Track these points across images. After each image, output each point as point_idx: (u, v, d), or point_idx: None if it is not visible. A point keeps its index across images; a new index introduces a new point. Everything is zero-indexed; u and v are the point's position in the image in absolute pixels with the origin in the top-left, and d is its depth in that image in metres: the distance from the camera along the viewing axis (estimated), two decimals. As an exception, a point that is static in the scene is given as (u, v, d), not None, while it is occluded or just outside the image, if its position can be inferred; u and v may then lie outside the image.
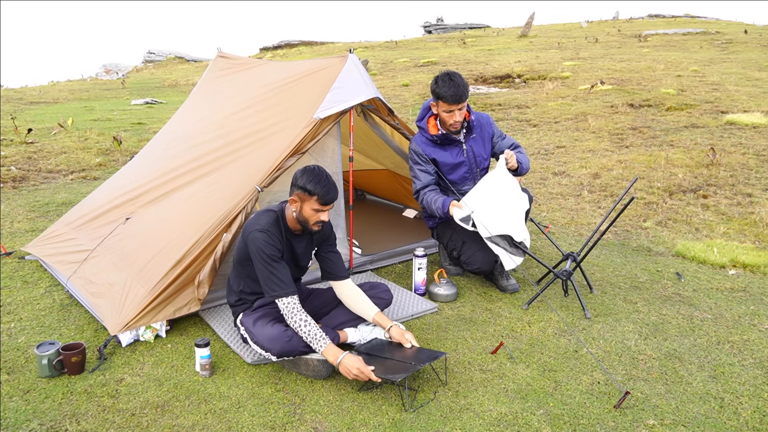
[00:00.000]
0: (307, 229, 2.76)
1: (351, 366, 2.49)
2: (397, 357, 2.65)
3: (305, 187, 2.65)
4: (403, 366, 2.55)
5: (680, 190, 5.85)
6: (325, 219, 2.74)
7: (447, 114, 3.56)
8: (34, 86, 20.88)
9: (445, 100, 3.51)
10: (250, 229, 2.70)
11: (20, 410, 2.45)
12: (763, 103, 9.23)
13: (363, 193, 5.85)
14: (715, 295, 3.61)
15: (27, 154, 7.86)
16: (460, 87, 3.48)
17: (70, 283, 3.49)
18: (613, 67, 13.89)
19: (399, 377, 2.44)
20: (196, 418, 2.41)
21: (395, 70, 17.21)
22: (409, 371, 2.50)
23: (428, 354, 2.67)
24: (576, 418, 2.40)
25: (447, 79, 3.50)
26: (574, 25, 29.50)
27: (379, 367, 2.51)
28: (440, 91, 3.51)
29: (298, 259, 2.89)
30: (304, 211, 2.70)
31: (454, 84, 3.47)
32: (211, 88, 4.70)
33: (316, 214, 2.70)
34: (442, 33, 33.34)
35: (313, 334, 2.58)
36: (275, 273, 2.64)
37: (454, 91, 3.47)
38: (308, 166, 2.74)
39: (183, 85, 19.21)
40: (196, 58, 31.75)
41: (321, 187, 2.65)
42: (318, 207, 2.68)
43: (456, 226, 3.58)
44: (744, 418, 2.41)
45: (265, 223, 2.70)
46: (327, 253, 2.97)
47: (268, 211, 2.78)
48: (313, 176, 2.67)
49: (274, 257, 2.66)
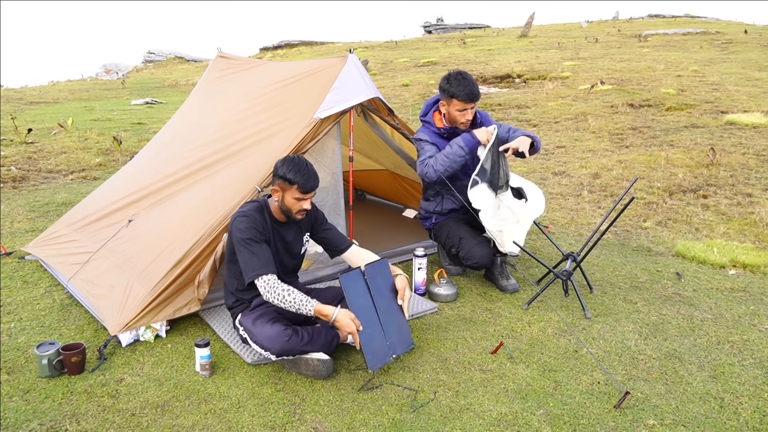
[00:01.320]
0: (291, 218, 2.80)
1: (347, 321, 2.55)
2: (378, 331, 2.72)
3: (285, 176, 2.69)
4: (382, 350, 2.69)
5: (680, 190, 5.85)
6: (308, 207, 2.78)
7: (459, 113, 3.57)
8: (34, 86, 20.89)
9: (460, 99, 3.50)
10: (234, 217, 2.77)
11: (20, 410, 2.45)
12: (763, 103, 9.23)
13: (363, 193, 5.85)
14: (715, 295, 3.61)
15: (27, 154, 7.86)
16: (475, 86, 3.50)
17: (70, 284, 3.49)
18: (613, 67, 13.89)
19: (373, 366, 2.62)
20: (196, 418, 2.41)
21: (395, 70, 17.22)
22: (385, 360, 2.69)
23: (405, 339, 2.81)
24: (576, 418, 2.40)
25: (460, 78, 3.51)
26: (574, 25, 29.50)
27: (361, 336, 2.61)
28: (454, 90, 3.50)
29: (290, 246, 2.91)
30: (286, 200, 2.74)
31: (468, 83, 3.49)
32: (211, 88, 4.69)
33: (298, 202, 2.74)
34: (442, 33, 33.34)
35: (299, 300, 2.59)
36: (254, 253, 2.66)
37: (470, 89, 3.48)
38: (288, 156, 2.79)
39: (183, 85, 19.21)
40: (196, 58, 31.76)
41: (301, 175, 2.68)
42: (299, 195, 2.72)
43: (452, 224, 3.64)
44: (744, 418, 2.41)
45: (248, 209, 2.77)
46: (323, 233, 3.03)
47: (251, 202, 2.86)
48: (293, 165, 2.70)
49: (255, 239, 2.68)
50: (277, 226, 2.84)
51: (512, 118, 10.04)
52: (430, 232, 4.00)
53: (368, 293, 2.74)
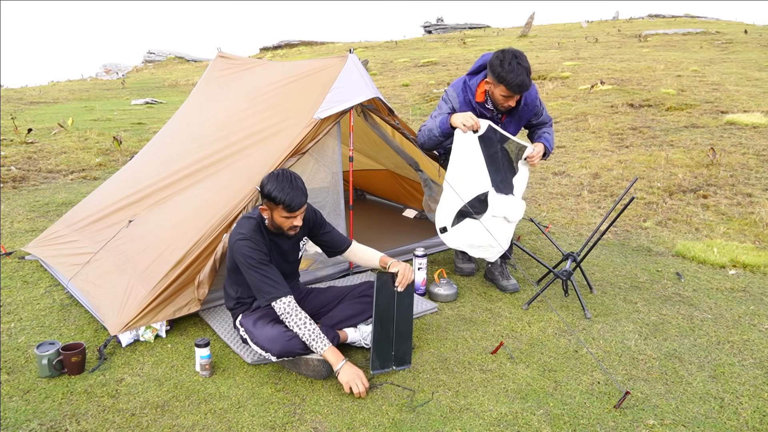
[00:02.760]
0: (284, 234, 2.78)
1: (350, 377, 2.52)
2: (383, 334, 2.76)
3: (270, 195, 2.63)
4: (386, 357, 2.74)
5: (680, 190, 5.85)
6: (298, 224, 2.72)
7: (503, 98, 3.29)
8: (34, 86, 20.89)
9: (508, 87, 3.20)
10: (234, 239, 2.71)
11: (20, 410, 2.45)
12: (763, 103, 9.22)
13: (363, 193, 5.85)
14: (715, 295, 3.61)
15: (27, 154, 7.86)
16: (527, 75, 3.18)
17: (71, 285, 3.49)
18: (613, 67, 13.89)
19: (375, 368, 2.70)
20: (196, 418, 2.41)
21: (395, 70, 17.22)
22: (385, 368, 2.73)
23: (406, 357, 2.81)
24: (576, 418, 2.40)
25: (515, 63, 3.15)
26: (574, 25, 29.50)
27: (374, 335, 2.70)
28: (505, 75, 3.17)
29: (287, 255, 2.90)
30: (275, 219, 2.70)
31: (521, 70, 3.15)
32: (211, 88, 4.69)
33: (287, 220, 2.69)
34: (442, 33, 33.35)
35: (315, 336, 2.58)
36: (267, 276, 2.63)
37: (521, 80, 3.16)
38: (273, 171, 2.71)
39: (183, 85, 19.21)
40: (196, 58, 31.77)
41: (285, 194, 2.60)
42: (286, 214, 2.66)
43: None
44: (744, 418, 2.41)
45: (247, 230, 2.70)
46: (323, 236, 3.01)
47: (248, 218, 2.78)
48: (277, 183, 2.62)
49: (263, 261, 2.65)
50: (273, 237, 2.81)
51: (512, 118, 10.03)
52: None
53: (394, 300, 2.77)
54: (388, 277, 2.76)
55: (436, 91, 13.01)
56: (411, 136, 3.94)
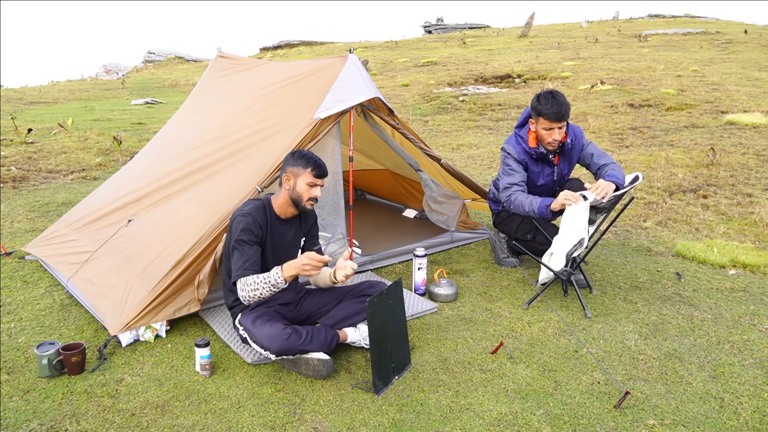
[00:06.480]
0: (300, 207, 2.83)
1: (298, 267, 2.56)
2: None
3: (298, 162, 2.77)
4: (387, 373, 2.65)
5: (680, 190, 5.85)
6: (318, 195, 2.83)
7: (546, 132, 3.56)
8: (34, 86, 20.90)
9: (546, 117, 3.49)
10: (235, 215, 2.79)
11: (20, 410, 2.45)
12: (763, 103, 9.23)
13: (363, 193, 5.85)
14: (715, 295, 3.61)
15: (27, 154, 7.86)
16: (563, 105, 3.48)
17: (70, 284, 3.49)
18: (613, 67, 13.90)
19: (379, 391, 2.57)
20: (196, 418, 2.41)
21: (395, 70, 17.22)
22: (388, 384, 2.63)
23: (405, 360, 2.76)
24: (576, 418, 2.40)
25: (550, 97, 3.51)
26: (574, 25, 29.51)
27: (372, 356, 2.59)
28: (542, 108, 3.50)
29: (288, 245, 2.93)
30: (298, 186, 2.78)
31: (557, 102, 3.48)
32: (211, 88, 4.70)
33: (310, 189, 2.79)
34: (442, 33, 33.35)
35: (264, 277, 2.59)
36: (243, 254, 2.68)
37: (557, 109, 3.46)
38: (297, 149, 2.90)
39: (183, 85, 19.22)
40: (196, 58, 31.78)
41: (314, 161, 2.78)
42: (312, 180, 2.76)
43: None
44: (744, 418, 2.41)
45: (250, 208, 2.79)
46: (309, 247, 3.07)
47: (254, 200, 2.88)
48: (305, 153, 2.82)
49: (248, 241, 2.71)
50: (278, 223, 2.86)
51: (512, 118, 10.04)
52: (494, 215, 4.11)
53: (387, 317, 2.67)
54: (377, 300, 2.60)
55: (436, 91, 13.01)
56: (411, 135, 3.95)
